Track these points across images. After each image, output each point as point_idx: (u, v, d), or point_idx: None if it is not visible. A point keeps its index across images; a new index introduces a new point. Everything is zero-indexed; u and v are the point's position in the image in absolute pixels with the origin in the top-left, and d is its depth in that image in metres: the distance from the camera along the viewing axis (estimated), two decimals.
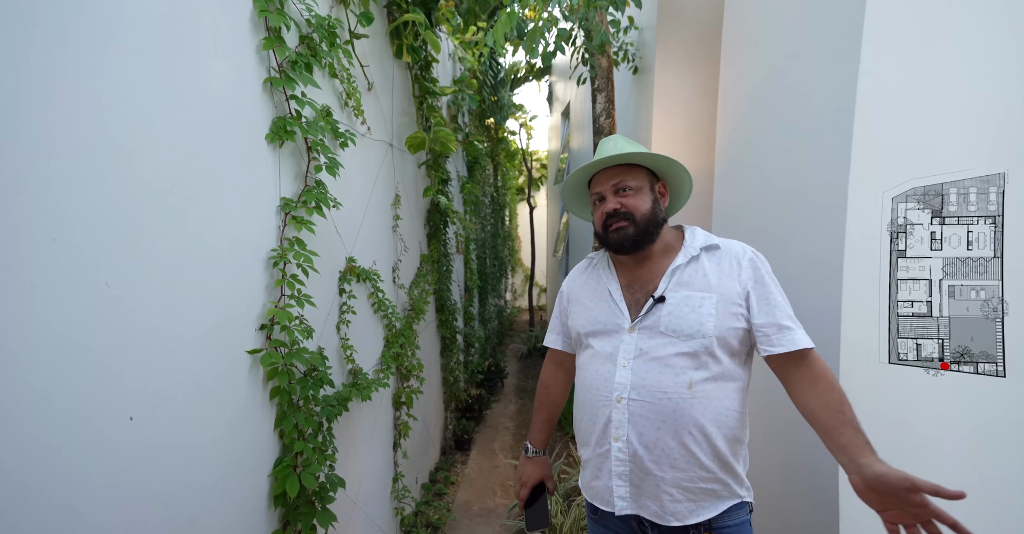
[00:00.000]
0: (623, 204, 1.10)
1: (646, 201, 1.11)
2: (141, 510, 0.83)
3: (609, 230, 1.11)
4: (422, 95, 2.54)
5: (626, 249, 1.10)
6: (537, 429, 1.34)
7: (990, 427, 0.98)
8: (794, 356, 0.98)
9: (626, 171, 1.12)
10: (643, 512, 1.03)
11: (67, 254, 0.70)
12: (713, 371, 1.00)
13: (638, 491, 1.03)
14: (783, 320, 1.00)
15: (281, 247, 1.21)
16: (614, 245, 1.11)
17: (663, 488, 1.00)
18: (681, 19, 2.48)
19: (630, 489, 1.03)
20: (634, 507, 1.03)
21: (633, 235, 1.08)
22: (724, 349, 1.01)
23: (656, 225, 1.10)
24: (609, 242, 1.12)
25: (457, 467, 3.25)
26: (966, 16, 1.02)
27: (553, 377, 1.34)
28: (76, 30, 0.72)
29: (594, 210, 1.18)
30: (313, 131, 1.31)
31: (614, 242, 1.11)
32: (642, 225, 1.08)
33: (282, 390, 1.19)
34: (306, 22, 1.34)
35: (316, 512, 1.25)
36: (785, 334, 0.99)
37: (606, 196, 1.13)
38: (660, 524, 1.02)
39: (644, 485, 1.02)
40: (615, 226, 1.09)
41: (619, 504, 1.04)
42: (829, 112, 1.41)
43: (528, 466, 1.32)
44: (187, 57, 0.94)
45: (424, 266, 2.72)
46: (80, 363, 0.72)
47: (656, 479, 1.01)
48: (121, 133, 0.79)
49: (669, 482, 1.00)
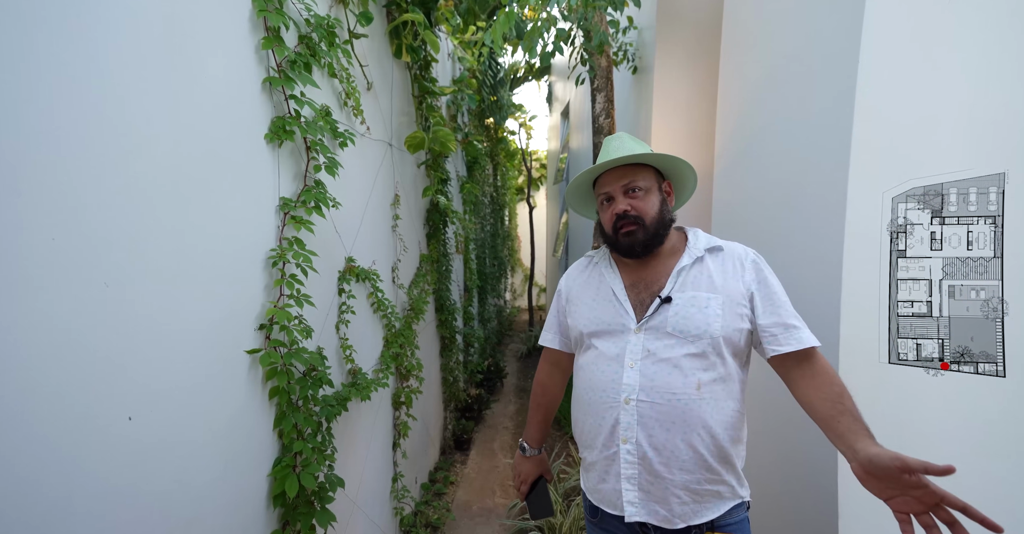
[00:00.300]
0: (633, 207, 1.08)
1: (655, 203, 1.10)
2: (139, 510, 0.83)
3: (620, 233, 1.09)
4: (421, 95, 2.54)
5: (636, 254, 1.09)
6: (533, 429, 1.34)
7: (990, 427, 0.98)
8: (799, 354, 0.99)
9: (634, 171, 1.11)
10: (652, 519, 1.02)
11: (65, 254, 0.70)
12: (720, 372, 1.01)
13: (647, 496, 1.02)
14: (789, 319, 1.00)
15: (280, 247, 1.21)
16: (624, 249, 1.10)
17: (672, 490, 1.00)
18: (681, 19, 2.48)
19: (639, 494, 1.02)
20: (643, 513, 1.02)
21: (643, 240, 1.07)
22: (730, 350, 1.02)
23: (665, 227, 1.10)
24: (619, 245, 1.11)
25: (456, 467, 3.25)
26: (966, 16, 1.02)
27: (549, 377, 1.33)
28: (75, 29, 0.72)
29: (602, 210, 1.15)
30: (312, 131, 1.30)
31: (624, 246, 1.09)
32: (652, 229, 1.08)
33: (281, 390, 1.19)
34: (305, 22, 1.34)
35: (315, 512, 1.25)
36: (792, 333, 0.99)
37: (615, 197, 1.11)
38: (664, 527, 1.02)
39: (653, 489, 1.01)
40: (625, 230, 1.08)
41: (629, 510, 1.03)
42: (829, 112, 1.41)
43: (526, 464, 1.32)
44: (186, 56, 0.93)
45: (423, 266, 2.71)
46: (78, 363, 0.72)
47: (665, 482, 1.00)
48: (120, 132, 0.79)
49: (678, 484, 1.00)
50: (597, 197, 1.17)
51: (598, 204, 1.18)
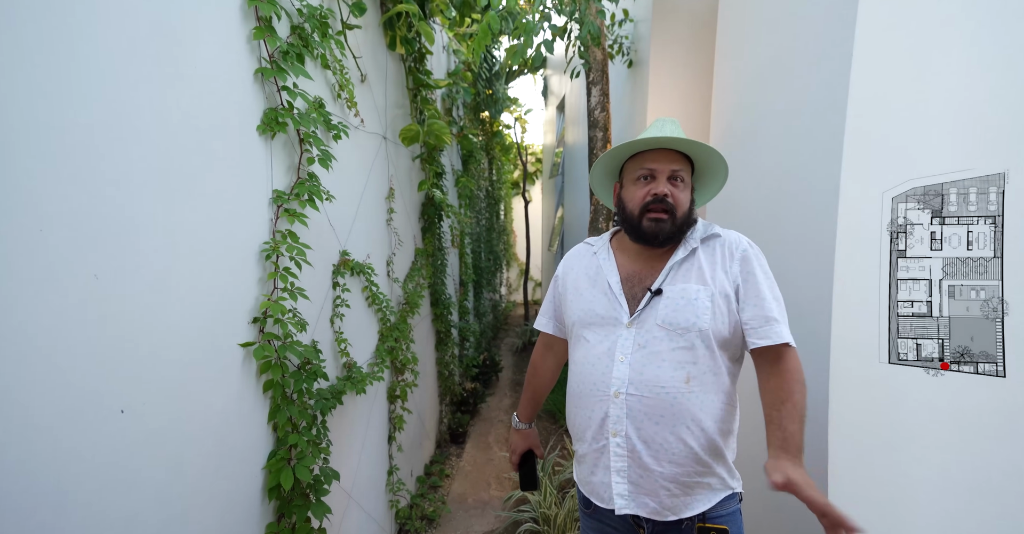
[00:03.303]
0: (672, 194, 1.05)
1: (688, 199, 1.08)
2: (133, 503, 0.83)
3: (647, 216, 1.05)
4: (416, 88, 2.52)
5: (658, 242, 1.07)
6: (524, 405, 1.39)
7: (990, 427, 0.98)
8: (772, 350, 1.00)
9: (683, 161, 1.08)
10: (642, 511, 1.02)
11: (53, 245, 0.69)
12: (709, 365, 1.01)
13: (636, 488, 1.02)
14: (770, 312, 1.00)
15: (274, 240, 1.20)
16: (647, 234, 1.06)
17: (661, 483, 1.00)
18: (676, 12, 2.47)
19: (628, 486, 1.03)
20: (633, 506, 1.03)
21: (669, 231, 1.05)
22: (719, 343, 1.02)
23: (688, 226, 1.08)
24: (641, 228, 1.06)
25: (452, 460, 3.26)
26: (964, 12, 1.01)
27: (542, 359, 1.35)
28: (62, 18, 0.70)
29: (634, 186, 1.09)
30: (305, 123, 1.29)
31: (648, 231, 1.05)
32: (679, 223, 1.06)
33: (275, 383, 1.19)
34: (297, 11, 1.32)
35: (310, 504, 1.25)
36: (772, 327, 0.99)
37: (658, 177, 1.06)
38: (655, 519, 1.03)
39: (642, 481, 1.02)
40: (655, 215, 1.04)
41: (619, 502, 1.03)
42: (824, 106, 1.41)
43: (516, 437, 1.40)
44: (176, 46, 0.92)
45: (419, 260, 2.71)
46: (69, 355, 0.72)
47: (654, 474, 1.00)
48: (108, 123, 0.78)
49: (667, 477, 1.00)
50: (631, 172, 1.11)
51: (631, 178, 1.10)
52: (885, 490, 1.09)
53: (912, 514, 1.05)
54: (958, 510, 0.98)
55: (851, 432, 1.16)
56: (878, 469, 1.10)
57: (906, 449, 1.07)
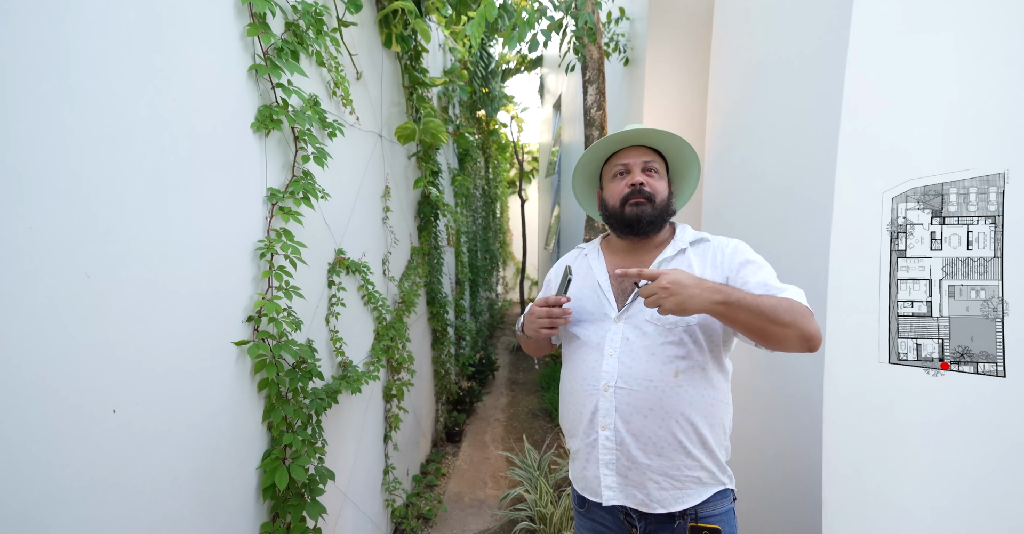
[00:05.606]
0: (648, 183, 1.10)
1: (666, 188, 1.13)
2: (125, 503, 0.82)
3: (627, 203, 1.10)
4: (412, 85, 2.51)
5: (640, 228, 1.10)
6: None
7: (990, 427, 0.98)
8: None
9: (654, 155, 1.15)
10: (629, 502, 1.04)
11: (44, 243, 0.68)
12: (698, 360, 1.02)
13: (625, 481, 1.04)
14: (776, 282, 1.01)
15: (268, 238, 1.20)
16: (629, 220, 1.10)
17: (649, 476, 1.02)
18: (672, 10, 2.47)
19: (617, 479, 1.04)
20: (621, 497, 1.04)
21: (650, 215, 1.09)
22: (708, 338, 1.03)
23: (668, 214, 1.12)
24: (624, 217, 1.11)
25: (448, 459, 3.26)
26: (964, 11, 1.02)
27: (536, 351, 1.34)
28: (54, 14, 0.69)
29: (613, 183, 1.15)
30: (300, 120, 1.28)
31: (630, 217, 1.10)
32: (659, 209, 1.10)
33: (270, 382, 1.18)
34: (292, 8, 1.31)
35: (305, 504, 1.24)
36: (785, 290, 0.98)
37: (633, 170, 1.12)
38: (645, 512, 1.04)
39: (631, 474, 1.03)
40: (635, 201, 1.09)
41: (607, 494, 1.05)
42: (819, 104, 1.41)
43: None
44: (169, 42, 0.91)
45: (414, 258, 2.70)
46: (59, 354, 0.71)
47: (643, 467, 1.02)
48: (100, 120, 0.77)
49: (656, 470, 1.01)
50: (608, 173, 1.18)
51: (609, 178, 1.17)
52: (884, 490, 1.09)
53: (911, 514, 1.05)
54: (958, 510, 0.99)
55: (846, 433, 1.16)
56: (874, 469, 1.10)
57: (903, 449, 1.07)
